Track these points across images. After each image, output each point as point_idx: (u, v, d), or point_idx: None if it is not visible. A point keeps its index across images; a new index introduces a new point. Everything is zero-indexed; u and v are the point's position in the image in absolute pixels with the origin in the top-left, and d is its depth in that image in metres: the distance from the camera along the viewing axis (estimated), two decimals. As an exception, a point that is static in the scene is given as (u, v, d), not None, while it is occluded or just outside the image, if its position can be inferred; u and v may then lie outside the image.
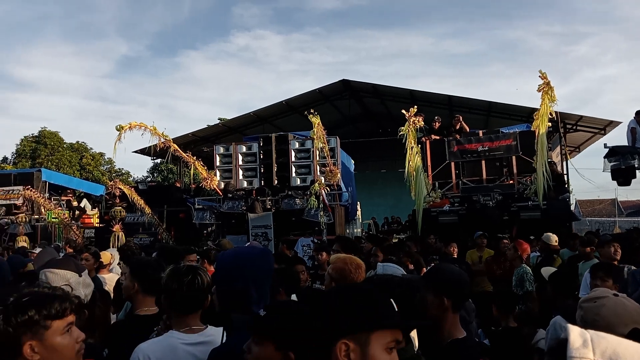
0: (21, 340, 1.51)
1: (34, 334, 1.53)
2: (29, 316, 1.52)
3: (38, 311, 1.54)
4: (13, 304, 1.54)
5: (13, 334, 1.50)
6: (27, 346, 1.51)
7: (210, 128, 23.33)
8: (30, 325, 1.53)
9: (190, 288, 2.16)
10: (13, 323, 1.50)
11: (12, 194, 18.03)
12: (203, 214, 11.92)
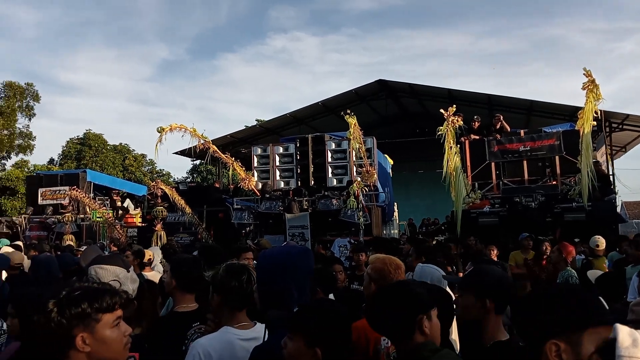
0: (73, 332, 1.56)
1: (86, 326, 1.58)
2: (82, 309, 1.57)
3: (90, 304, 1.59)
4: (66, 297, 1.59)
5: (66, 326, 1.56)
6: (79, 338, 1.57)
7: (248, 129, 23.65)
8: (83, 318, 1.58)
9: (247, 285, 2.23)
10: (67, 315, 1.56)
11: (59, 194, 18.76)
12: (241, 214, 12.08)
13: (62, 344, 1.57)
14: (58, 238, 15.43)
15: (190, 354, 2.08)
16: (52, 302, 1.57)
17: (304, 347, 1.68)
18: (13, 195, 30.61)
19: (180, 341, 2.49)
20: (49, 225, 17.05)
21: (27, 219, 18.80)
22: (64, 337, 1.56)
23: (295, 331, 1.72)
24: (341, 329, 1.72)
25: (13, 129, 31.99)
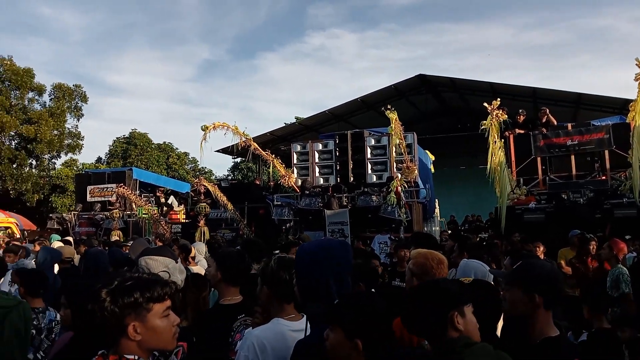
0: (125, 320, 1.61)
1: (137, 315, 1.63)
2: (134, 298, 1.62)
3: (142, 294, 1.64)
4: (118, 287, 1.65)
5: (119, 315, 1.61)
6: (131, 327, 1.61)
7: (287, 127, 23.82)
8: (135, 307, 1.63)
9: None
10: (120, 304, 1.61)
11: (107, 191, 19.40)
12: (281, 210, 12.19)
13: (114, 332, 1.62)
14: (106, 234, 15.97)
15: (244, 344, 2.11)
16: (105, 291, 1.62)
17: (344, 339, 1.68)
18: (63, 193, 31.92)
19: (227, 333, 2.53)
20: (97, 222, 17.68)
21: (76, 215, 19.55)
22: (117, 325, 1.61)
23: (335, 323, 1.73)
24: (381, 321, 1.71)
25: (63, 129, 33.30)
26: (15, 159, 30.80)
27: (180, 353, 2.27)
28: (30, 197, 30.68)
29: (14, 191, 30.11)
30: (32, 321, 3.71)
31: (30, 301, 3.82)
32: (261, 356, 2.06)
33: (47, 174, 33.15)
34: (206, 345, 2.45)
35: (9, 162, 30.49)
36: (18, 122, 30.37)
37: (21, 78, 31.45)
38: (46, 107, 33.16)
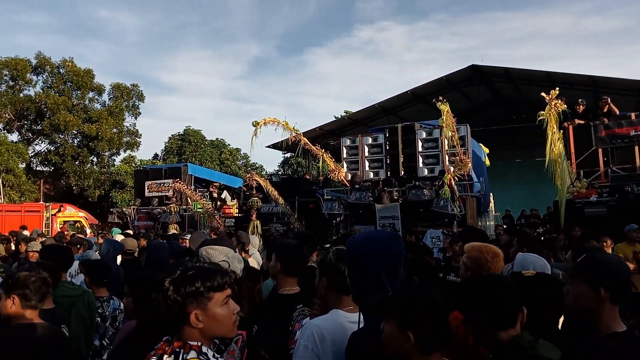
0: (188, 308, 1.67)
1: (199, 303, 1.68)
2: (196, 287, 1.67)
3: (203, 283, 1.68)
4: (181, 276, 1.70)
5: (181, 303, 1.66)
6: (193, 315, 1.67)
7: (336, 121, 23.83)
8: (196, 296, 1.67)
9: None
10: (182, 293, 1.66)
11: (164, 186, 20.09)
12: (332, 205, 12.22)
13: (178, 320, 1.68)
14: (163, 227, 16.55)
15: (304, 333, 2.13)
16: (168, 280, 1.68)
17: (396, 330, 1.67)
18: (122, 189, 33.33)
19: (287, 322, 2.58)
20: (155, 216, 18.36)
21: (135, 210, 20.37)
22: (180, 313, 1.66)
23: (388, 314, 1.73)
24: (434, 313, 1.68)
25: (121, 127, 34.74)
26: (78, 156, 32.42)
27: (240, 341, 2.33)
28: (92, 192, 32.22)
29: (77, 187, 31.71)
30: (96, 309, 3.90)
31: (95, 290, 4.02)
32: (320, 346, 2.07)
33: (108, 171, 34.71)
34: (266, 333, 2.50)
35: (72, 159, 32.13)
36: (80, 121, 31.92)
37: (82, 79, 33.02)
38: (106, 106, 34.68)
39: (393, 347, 1.70)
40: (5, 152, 28.17)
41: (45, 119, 31.90)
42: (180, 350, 1.62)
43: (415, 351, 1.66)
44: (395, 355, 1.70)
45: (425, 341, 1.65)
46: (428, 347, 1.67)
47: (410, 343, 1.64)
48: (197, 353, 1.62)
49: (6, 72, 31.34)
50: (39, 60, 32.70)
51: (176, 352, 1.61)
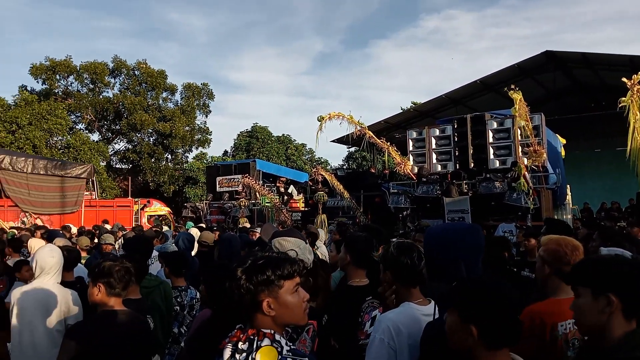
0: (260, 297, 1.71)
1: (270, 291, 1.72)
2: (267, 276, 1.71)
3: (273, 271, 1.72)
4: (252, 265, 1.75)
5: (254, 291, 1.71)
6: (265, 303, 1.71)
7: (402, 114, 23.50)
8: (267, 284, 1.71)
9: (418, 262, 2.24)
10: (254, 281, 1.71)
11: (234, 182, 20.77)
12: (398, 198, 12.07)
13: (250, 308, 1.72)
14: (233, 221, 17.09)
15: (379, 327, 2.12)
16: (240, 270, 1.72)
17: (458, 323, 1.63)
18: (195, 184, 34.72)
19: (356, 313, 2.59)
20: (226, 210, 19.01)
21: (207, 204, 21.20)
22: (252, 301, 1.70)
23: (452, 306, 1.69)
24: (501, 307, 1.60)
25: (193, 125, 36.15)
26: (154, 153, 34.09)
27: (311, 331, 2.36)
28: (167, 188, 33.81)
29: (154, 183, 33.38)
30: (175, 298, 4.09)
31: (174, 280, 4.22)
32: (397, 339, 2.06)
33: (181, 167, 36.27)
34: (335, 323, 2.52)
35: (149, 156, 33.84)
36: (155, 119, 33.54)
37: (155, 79, 34.65)
38: (178, 105, 36.21)
39: (455, 340, 1.66)
40: (88, 151, 30.14)
41: (123, 119, 33.81)
42: (255, 337, 1.66)
43: (479, 346, 1.60)
44: (459, 348, 1.66)
45: (490, 336, 1.59)
46: (494, 342, 1.60)
47: (473, 337, 1.59)
48: (270, 340, 1.66)
49: (87, 75, 33.47)
50: (116, 63, 34.63)
51: (250, 339, 1.65)
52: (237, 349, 1.64)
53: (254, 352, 1.62)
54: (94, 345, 2.71)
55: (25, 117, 28.05)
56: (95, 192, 20.75)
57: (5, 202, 16.97)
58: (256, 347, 1.64)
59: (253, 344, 1.64)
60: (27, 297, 3.57)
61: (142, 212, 20.35)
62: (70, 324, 3.50)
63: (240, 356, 1.62)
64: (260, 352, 1.62)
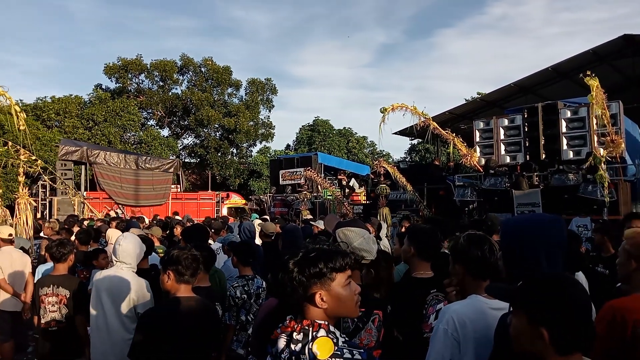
0: (312, 289, 1.71)
1: (322, 284, 1.71)
2: (319, 268, 1.71)
3: (326, 264, 1.72)
4: (303, 258, 1.75)
5: (306, 284, 1.71)
6: (318, 295, 1.70)
7: (467, 104, 22.80)
8: (319, 277, 1.71)
9: (490, 255, 2.19)
10: (306, 274, 1.71)
11: (296, 175, 21.06)
12: (464, 191, 11.75)
13: (303, 300, 1.72)
14: (296, 213, 17.36)
15: (443, 318, 2.09)
16: (292, 262, 1.73)
17: (527, 326, 1.49)
18: (259, 177, 35.51)
19: (420, 305, 2.55)
20: (289, 202, 19.35)
21: (271, 197, 21.67)
22: (304, 294, 1.70)
23: (518, 306, 1.56)
24: (576, 308, 1.46)
25: (257, 120, 36.96)
26: (220, 148, 35.19)
27: (377, 320, 2.35)
28: (233, 181, 34.82)
29: (220, 176, 34.47)
30: (242, 287, 4.19)
31: (242, 269, 4.33)
32: (461, 331, 2.01)
33: (246, 161, 37.23)
34: (401, 314, 2.49)
35: (215, 151, 34.96)
36: (220, 115, 34.57)
37: (221, 76, 35.68)
38: (243, 100, 37.12)
39: (522, 344, 1.53)
40: (158, 146, 31.58)
41: (191, 115, 35.10)
42: (310, 328, 1.65)
43: (550, 351, 1.45)
44: (527, 352, 1.52)
45: (563, 340, 1.44)
46: (567, 347, 1.46)
47: (544, 341, 1.45)
48: (326, 331, 1.65)
49: (156, 73, 35.02)
50: (184, 61, 35.96)
51: (305, 329, 1.65)
52: (292, 339, 1.64)
53: (310, 343, 1.61)
54: (165, 330, 2.83)
55: (100, 114, 29.80)
56: (180, 186, 22.00)
57: (100, 194, 18.68)
58: (312, 337, 1.63)
59: (308, 334, 1.64)
60: (102, 283, 3.77)
61: (222, 204, 21.33)
62: (139, 311, 3.66)
63: (296, 346, 1.62)
64: (317, 343, 1.62)
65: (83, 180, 19.23)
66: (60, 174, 16.98)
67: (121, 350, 3.58)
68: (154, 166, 20.07)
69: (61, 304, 4.16)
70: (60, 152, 18.03)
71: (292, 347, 1.62)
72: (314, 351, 1.60)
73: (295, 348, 1.62)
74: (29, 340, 6.78)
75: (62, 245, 4.32)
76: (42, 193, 17.34)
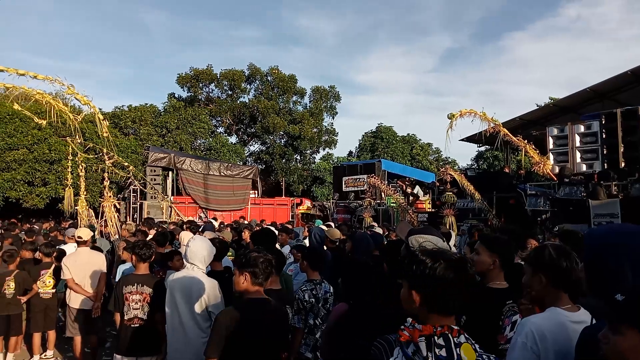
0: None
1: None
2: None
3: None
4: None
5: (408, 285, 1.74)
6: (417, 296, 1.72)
7: (539, 110, 21.93)
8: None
9: (576, 267, 2.14)
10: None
11: (359, 181, 21.07)
12: (536, 200, 11.31)
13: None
14: (359, 220, 17.33)
15: (522, 331, 2.04)
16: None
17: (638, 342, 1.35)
18: (322, 184, 35.80)
19: (495, 316, 2.50)
20: (352, 209, 19.35)
21: (334, 203, 21.78)
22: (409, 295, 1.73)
23: (627, 323, 1.39)
24: None
25: (320, 127, 37.35)
26: (284, 154, 35.86)
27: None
28: (297, 187, 35.33)
29: (284, 182, 35.12)
30: (310, 291, 4.26)
31: (310, 274, 4.41)
32: (540, 345, 1.96)
33: (309, 167, 37.67)
34: (476, 325, 2.46)
35: (280, 157, 35.66)
36: (285, 122, 35.25)
37: (286, 84, 36.42)
38: (307, 108, 37.67)
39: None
40: (226, 152, 32.63)
41: (257, 122, 36.04)
42: (449, 333, 1.65)
43: None
44: None
45: None
46: None
47: None
48: (465, 337, 1.66)
49: (225, 82, 36.27)
50: (251, 70, 37.03)
51: (445, 335, 1.64)
52: (436, 343, 1.63)
53: (457, 348, 1.62)
54: (240, 330, 2.94)
55: (173, 122, 31.24)
56: (258, 191, 23.01)
57: (186, 199, 19.93)
58: (455, 343, 1.63)
59: (449, 339, 1.64)
60: (176, 284, 3.94)
61: (297, 209, 22.02)
62: (211, 311, 3.80)
63: (440, 351, 1.61)
64: (464, 349, 1.63)
65: (169, 185, 20.45)
66: (150, 179, 18.29)
67: (195, 348, 3.73)
68: (234, 173, 21.37)
69: (144, 301, 4.41)
70: (150, 158, 19.45)
71: (436, 352, 1.61)
72: (462, 356, 1.61)
73: (441, 353, 1.61)
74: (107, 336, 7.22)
75: (147, 246, 4.59)
76: (133, 197, 18.56)
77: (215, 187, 20.57)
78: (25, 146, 24.16)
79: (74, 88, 8.76)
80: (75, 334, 6.08)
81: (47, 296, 6.60)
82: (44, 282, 6.58)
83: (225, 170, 21.23)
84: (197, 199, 20.01)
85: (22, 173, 23.95)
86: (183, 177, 19.96)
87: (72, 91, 8.74)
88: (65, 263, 6.05)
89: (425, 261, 1.71)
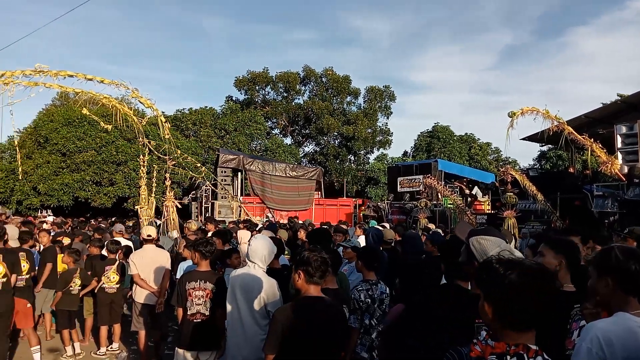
0: None
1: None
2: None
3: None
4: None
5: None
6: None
7: (606, 107, 20.82)
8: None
9: None
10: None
11: (415, 182, 20.79)
12: (603, 202, 10.79)
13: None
14: (414, 221, 17.07)
15: (587, 336, 1.96)
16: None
17: None
18: (376, 184, 35.61)
19: (565, 320, 2.42)
20: (407, 210, 19.11)
21: (388, 204, 21.59)
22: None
23: None
24: None
25: (375, 127, 37.19)
26: (338, 155, 35.97)
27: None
28: (351, 188, 35.34)
29: (338, 183, 35.19)
30: (365, 292, 4.25)
31: (365, 274, 4.41)
32: (607, 350, 1.88)
33: (363, 168, 37.59)
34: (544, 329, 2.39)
35: (334, 158, 35.80)
36: (339, 123, 35.35)
37: (340, 85, 36.54)
38: (361, 108, 37.63)
39: None
40: (282, 153, 33.13)
41: (312, 124, 36.37)
42: (524, 353, 1.57)
43: None
44: None
45: None
46: None
47: None
48: (542, 358, 1.59)
49: (281, 85, 36.87)
50: (306, 72, 37.42)
51: (520, 354, 1.57)
52: None
53: None
54: (298, 328, 2.98)
55: (231, 124, 32.08)
56: (321, 192, 23.51)
57: (254, 199, 20.84)
58: None
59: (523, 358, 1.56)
60: (236, 281, 4.03)
61: (359, 210, 22.37)
62: (269, 309, 3.86)
63: None
64: None
65: (239, 186, 21.24)
66: (221, 179, 19.13)
67: (253, 344, 3.81)
68: (299, 174, 21.94)
69: (207, 297, 4.56)
70: (220, 160, 20.32)
71: None
72: None
73: None
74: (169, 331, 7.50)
75: (210, 244, 4.75)
76: (205, 197, 19.36)
77: (280, 188, 21.17)
78: (93, 148, 25.64)
79: (138, 92, 9.16)
80: (140, 328, 6.35)
81: (112, 291, 6.93)
82: (109, 278, 6.91)
83: (291, 171, 21.82)
84: (264, 199, 20.68)
85: (91, 174, 25.43)
86: (251, 177, 20.69)
87: (137, 95, 9.13)
88: (132, 259, 6.36)
89: (498, 270, 1.62)
